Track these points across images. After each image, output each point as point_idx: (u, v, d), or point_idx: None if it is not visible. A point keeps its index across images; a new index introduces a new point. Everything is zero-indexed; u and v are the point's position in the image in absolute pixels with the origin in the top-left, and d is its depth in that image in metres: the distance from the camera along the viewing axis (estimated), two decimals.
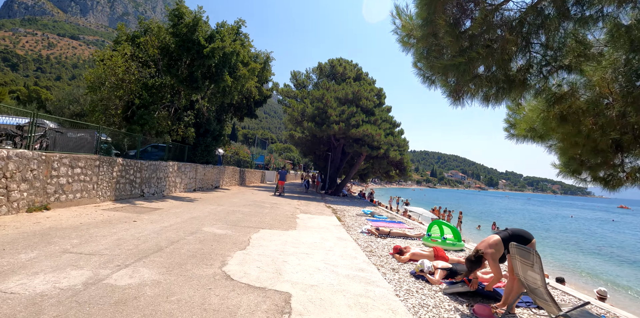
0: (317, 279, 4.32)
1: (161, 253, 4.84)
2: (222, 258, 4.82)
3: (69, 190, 8.22)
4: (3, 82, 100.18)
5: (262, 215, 10.00)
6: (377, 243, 7.49)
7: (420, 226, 12.42)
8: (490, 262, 4.14)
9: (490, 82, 3.12)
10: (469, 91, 3.39)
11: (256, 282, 3.94)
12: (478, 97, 3.45)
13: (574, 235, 26.16)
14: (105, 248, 4.83)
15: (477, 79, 3.20)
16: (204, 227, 7.27)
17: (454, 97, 3.52)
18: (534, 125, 3.67)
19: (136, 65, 13.60)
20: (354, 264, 5.32)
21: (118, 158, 10.35)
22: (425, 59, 3.34)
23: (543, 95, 3.07)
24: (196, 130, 16.90)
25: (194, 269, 4.21)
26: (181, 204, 10.99)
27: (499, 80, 3.08)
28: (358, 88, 23.29)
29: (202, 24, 13.31)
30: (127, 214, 7.99)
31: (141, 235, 5.89)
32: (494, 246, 4.18)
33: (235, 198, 15.14)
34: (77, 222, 6.48)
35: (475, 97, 3.46)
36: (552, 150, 4.11)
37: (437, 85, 3.64)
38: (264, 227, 7.94)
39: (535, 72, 2.97)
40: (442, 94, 3.64)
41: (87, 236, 5.47)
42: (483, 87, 3.21)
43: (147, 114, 12.44)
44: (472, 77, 3.17)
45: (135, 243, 5.25)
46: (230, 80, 14.09)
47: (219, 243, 5.78)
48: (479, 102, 3.46)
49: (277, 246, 6.03)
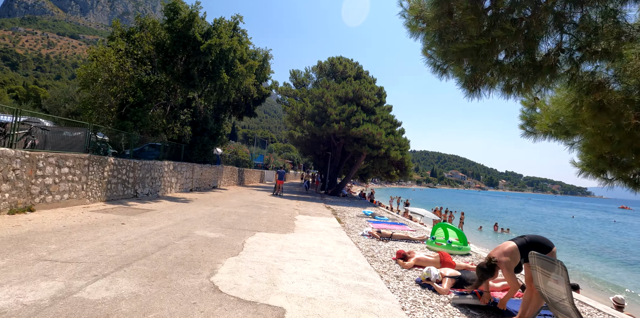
0: (315, 290, 3.93)
1: (146, 260, 4.45)
2: (211, 266, 4.43)
3: (55, 190, 7.83)
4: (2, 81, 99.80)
5: (258, 217, 9.61)
6: (379, 247, 7.11)
7: (422, 228, 12.04)
8: (505, 272, 3.74)
9: (514, 69, 2.72)
10: (487, 81, 2.99)
11: (247, 295, 3.55)
12: (498, 87, 3.05)
13: (577, 236, 25.77)
14: (84, 255, 4.44)
15: (497, 66, 2.80)
16: (196, 230, 6.89)
17: (469, 87, 3.12)
18: (559, 119, 3.27)
19: (131, 62, 13.21)
20: (355, 272, 4.93)
21: (110, 157, 9.96)
22: (437, 44, 2.93)
23: (575, 84, 2.68)
24: (193, 129, 16.50)
25: (180, 279, 3.82)
26: (175, 205, 10.60)
27: (523, 67, 2.69)
28: (359, 86, 22.88)
29: (198, 19, 12.91)
30: (116, 216, 7.60)
31: (127, 239, 5.51)
32: (509, 254, 3.79)
33: (233, 198, 14.76)
34: (60, 225, 6.09)
35: (493, 88, 3.06)
36: (576, 148, 3.73)
37: (449, 75, 3.23)
38: (260, 230, 7.55)
39: (566, 57, 2.59)
40: (456, 84, 3.24)
41: (68, 241, 5.08)
42: (505, 74, 2.80)
43: (140, 112, 12.04)
44: (493, 63, 2.78)
45: (119, 249, 4.86)
46: (227, 77, 13.70)
47: (210, 249, 5.39)
48: (499, 93, 3.06)
49: (273, 251, 5.64)
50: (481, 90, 3.12)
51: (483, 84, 3.08)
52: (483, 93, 3.12)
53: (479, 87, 3.12)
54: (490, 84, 3.04)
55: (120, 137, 12.16)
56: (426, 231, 10.97)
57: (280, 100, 28.48)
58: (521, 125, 4.11)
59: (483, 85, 3.09)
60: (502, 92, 3.04)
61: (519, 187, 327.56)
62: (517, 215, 44.11)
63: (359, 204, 19.40)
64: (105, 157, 9.68)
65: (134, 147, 15.06)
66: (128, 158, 11.34)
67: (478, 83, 3.07)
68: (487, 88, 3.09)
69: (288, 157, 75.89)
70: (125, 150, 12.76)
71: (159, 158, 13.79)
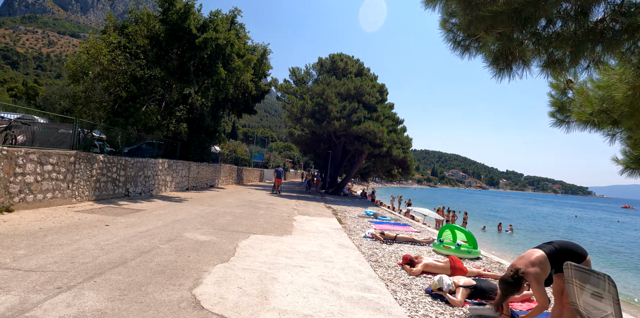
0: (313, 305, 3.42)
1: (123, 268, 3.95)
2: (196, 275, 3.93)
3: (37, 189, 7.33)
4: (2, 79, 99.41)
5: (255, 218, 9.11)
6: (383, 251, 6.60)
7: (427, 229, 11.53)
8: (534, 285, 3.22)
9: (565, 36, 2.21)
10: (522, 55, 2.47)
11: (233, 312, 3.04)
12: (536, 62, 2.54)
13: (581, 236, 25.23)
14: (54, 262, 3.94)
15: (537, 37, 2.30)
16: (186, 232, 6.38)
17: (499, 64, 2.61)
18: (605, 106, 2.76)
19: (124, 56, 12.70)
20: (358, 280, 4.42)
21: (99, 154, 9.46)
22: (460, 13, 2.42)
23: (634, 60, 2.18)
24: (189, 126, 15.99)
25: (157, 292, 3.32)
26: (168, 205, 10.10)
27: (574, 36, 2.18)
28: (360, 83, 22.33)
29: (194, 11, 12.39)
30: (102, 217, 7.10)
31: (107, 243, 5.00)
32: (537, 264, 3.27)
33: (230, 198, 14.26)
34: (36, 227, 5.60)
35: (528, 67, 2.55)
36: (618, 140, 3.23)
37: (472, 52, 2.73)
38: (255, 232, 7.04)
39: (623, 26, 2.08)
40: (483, 62, 2.73)
41: (40, 245, 4.58)
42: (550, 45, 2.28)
43: (132, 107, 11.53)
44: (533, 32, 2.28)
45: (95, 255, 4.36)
46: (224, 72, 13.19)
47: (198, 254, 4.89)
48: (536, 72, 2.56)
49: (268, 256, 5.14)
50: (514, 68, 2.61)
51: (516, 60, 2.56)
52: (515, 72, 2.60)
53: (511, 64, 2.60)
54: (524, 61, 2.52)
55: (117, 135, 11.67)
56: (431, 232, 10.47)
57: (280, 98, 27.96)
58: (551, 112, 3.56)
59: (516, 62, 2.58)
60: (544, 67, 2.51)
61: (520, 186, 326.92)
62: (519, 214, 43.57)
63: (360, 204, 18.89)
64: (93, 154, 9.18)
65: (131, 145, 14.58)
66: (123, 155, 10.84)
67: (511, 59, 2.55)
68: (520, 65, 2.58)
69: (288, 156, 75.35)
70: (123, 149, 12.26)
71: (153, 155, 13.28)
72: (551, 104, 3.56)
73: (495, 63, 2.65)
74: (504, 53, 2.52)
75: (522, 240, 20.42)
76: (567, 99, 3.41)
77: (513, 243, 18.94)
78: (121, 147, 11.06)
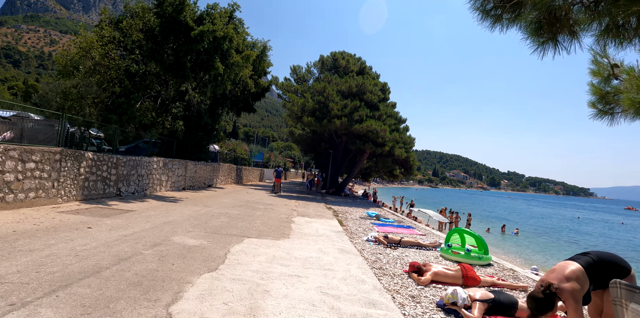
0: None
1: (94, 279, 3.47)
2: (177, 288, 3.45)
3: (18, 188, 6.86)
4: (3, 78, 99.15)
5: (251, 219, 8.63)
6: (388, 256, 6.11)
7: (432, 232, 11.03)
8: (571, 304, 2.71)
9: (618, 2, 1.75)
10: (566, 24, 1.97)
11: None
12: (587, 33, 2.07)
13: (587, 239, 24.68)
14: (16, 271, 3.47)
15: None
16: (175, 235, 5.91)
17: (542, 35, 2.14)
18: None
19: (118, 51, 12.23)
20: (361, 293, 3.94)
21: (87, 152, 9.00)
22: None
23: None
24: (186, 124, 15.52)
25: (126, 310, 2.84)
26: (161, 205, 9.64)
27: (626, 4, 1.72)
28: (362, 81, 21.82)
29: (189, 3, 11.92)
30: (86, 218, 6.63)
31: (84, 248, 4.53)
32: (574, 278, 2.77)
33: (227, 198, 13.78)
34: (10, 230, 5.13)
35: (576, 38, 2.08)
36: None
37: (504, 23, 2.26)
38: (250, 235, 6.57)
39: None
40: (521, 34, 2.26)
41: (7, 251, 4.11)
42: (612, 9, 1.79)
43: (126, 103, 11.06)
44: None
45: (66, 263, 3.88)
46: (222, 67, 12.71)
47: (183, 261, 4.41)
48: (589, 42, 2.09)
49: (262, 264, 4.65)
50: (560, 40, 2.14)
51: (563, 30, 2.09)
52: (562, 45, 2.13)
53: (556, 35, 2.13)
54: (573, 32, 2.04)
55: (114, 133, 11.20)
56: (436, 235, 9.99)
57: (280, 96, 27.48)
58: (592, 102, 3.05)
59: (563, 32, 2.11)
60: (597, 39, 2.03)
61: (521, 187, 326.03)
62: (522, 216, 43.00)
63: (361, 204, 18.39)
64: (82, 152, 8.72)
65: (129, 144, 14.12)
66: (110, 153, 10.38)
67: (557, 28, 2.08)
68: (567, 36, 2.10)
69: (289, 156, 74.82)
70: (116, 146, 11.79)
71: (148, 154, 12.82)
72: (591, 92, 3.05)
73: (537, 34, 2.17)
74: (549, 21, 2.05)
75: (527, 243, 19.90)
76: (612, 87, 2.92)
77: (519, 246, 18.42)
78: (115, 145, 10.60)
